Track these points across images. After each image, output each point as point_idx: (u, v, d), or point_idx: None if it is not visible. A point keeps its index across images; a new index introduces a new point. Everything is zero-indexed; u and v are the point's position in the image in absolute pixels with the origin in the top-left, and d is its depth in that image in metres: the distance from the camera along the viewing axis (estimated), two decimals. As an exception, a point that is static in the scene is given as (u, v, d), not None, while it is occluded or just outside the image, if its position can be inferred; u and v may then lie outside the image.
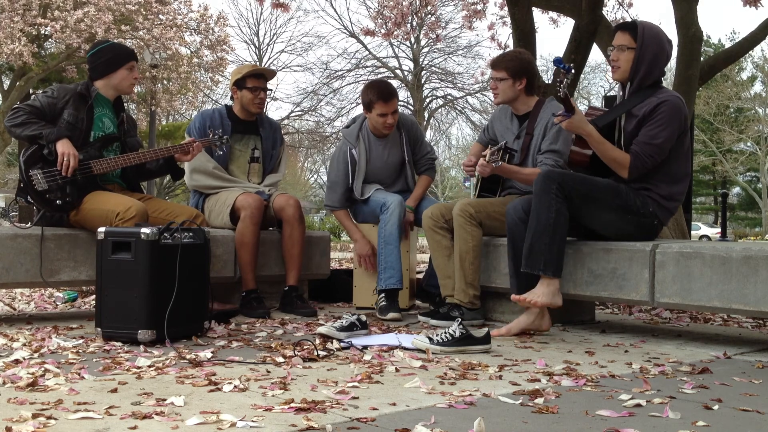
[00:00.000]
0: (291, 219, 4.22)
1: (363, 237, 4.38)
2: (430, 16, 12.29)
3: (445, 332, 2.99)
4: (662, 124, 3.32)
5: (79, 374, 2.42)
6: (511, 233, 3.49)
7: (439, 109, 31.70)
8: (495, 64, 3.93)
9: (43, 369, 2.48)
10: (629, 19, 8.78)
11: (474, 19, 8.87)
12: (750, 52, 8.77)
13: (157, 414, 1.94)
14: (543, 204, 3.28)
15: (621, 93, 3.55)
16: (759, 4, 7.19)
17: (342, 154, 4.42)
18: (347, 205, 4.47)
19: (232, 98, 4.53)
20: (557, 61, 3.24)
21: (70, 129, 3.75)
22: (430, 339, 2.98)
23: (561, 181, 3.29)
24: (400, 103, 4.46)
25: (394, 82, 28.30)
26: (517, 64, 3.89)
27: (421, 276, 4.60)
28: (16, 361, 2.63)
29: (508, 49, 7.68)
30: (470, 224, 3.75)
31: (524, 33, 6.01)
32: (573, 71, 3.27)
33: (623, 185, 3.40)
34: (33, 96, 4.14)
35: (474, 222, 3.76)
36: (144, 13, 16.21)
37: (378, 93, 4.24)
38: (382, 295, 4.08)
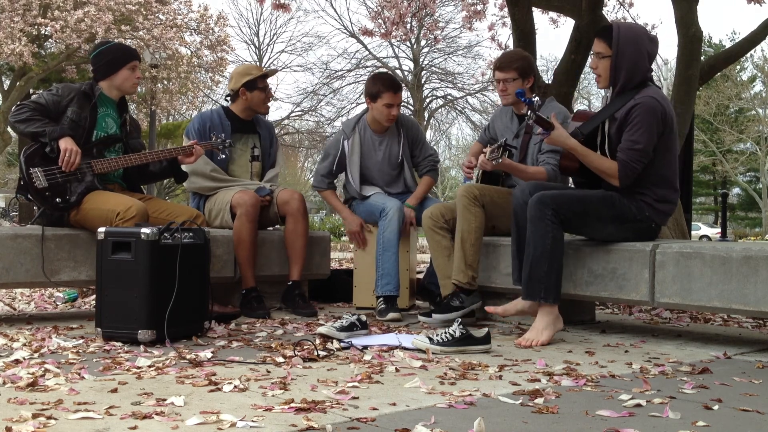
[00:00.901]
0: (295, 212, 4.24)
1: (351, 214, 4.43)
2: (428, 17, 12.28)
3: (445, 332, 2.99)
4: (640, 128, 3.27)
5: (79, 374, 2.42)
6: (516, 216, 3.47)
7: (439, 109, 31.71)
8: (503, 65, 3.92)
9: (43, 369, 2.49)
10: (630, 20, 8.80)
11: (474, 20, 8.87)
12: (750, 52, 8.74)
13: (157, 414, 1.94)
14: (539, 231, 3.27)
15: (607, 95, 3.53)
16: (762, 1, 7.18)
17: (335, 141, 4.51)
18: (334, 186, 4.59)
19: (227, 98, 4.54)
20: (519, 94, 3.28)
21: (72, 127, 3.76)
22: (430, 339, 2.98)
23: (555, 207, 3.28)
24: (400, 103, 4.48)
25: (394, 83, 28.27)
26: (524, 64, 3.92)
27: (421, 276, 4.60)
28: (16, 361, 2.64)
29: (508, 50, 7.68)
30: (474, 205, 3.74)
31: (524, 33, 6.00)
32: (536, 101, 3.35)
33: (616, 194, 3.39)
34: (38, 93, 4.15)
35: (478, 203, 3.74)
36: (144, 13, 16.20)
37: (387, 83, 4.31)
38: (381, 299, 4.09)
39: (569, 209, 3.32)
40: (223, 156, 4.25)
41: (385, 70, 28.83)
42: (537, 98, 3.36)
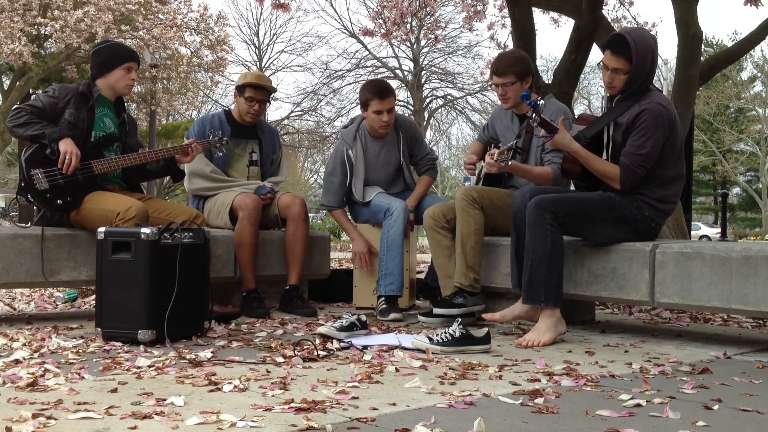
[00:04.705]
0: (296, 217, 4.23)
1: (360, 235, 4.39)
2: (429, 17, 12.28)
3: (445, 332, 2.99)
4: (646, 133, 3.28)
5: (79, 374, 2.42)
6: (516, 220, 3.47)
7: (439, 109, 31.70)
8: (500, 71, 3.89)
9: (43, 369, 2.49)
10: (630, 19, 8.79)
11: (474, 20, 8.87)
12: (750, 52, 8.76)
13: (157, 414, 1.94)
14: (538, 235, 3.27)
15: (608, 100, 3.52)
16: (759, 4, 7.19)
17: (338, 154, 4.42)
18: (344, 204, 4.48)
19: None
20: (525, 97, 3.26)
21: (71, 128, 3.75)
22: (430, 339, 2.98)
23: (554, 209, 3.28)
24: (400, 103, 4.52)
25: (394, 83, 28.28)
26: (522, 66, 3.90)
27: (421, 276, 4.60)
28: (16, 361, 2.64)
29: (503, 51, 7.68)
30: (473, 207, 3.74)
31: (524, 33, 6.01)
32: (541, 104, 3.31)
33: (615, 195, 3.39)
34: (34, 96, 4.14)
35: (476, 206, 3.75)
36: (144, 12, 16.21)
37: (374, 90, 4.26)
38: (382, 299, 4.09)
39: (568, 212, 3.32)
40: (221, 154, 4.25)
41: (384, 71, 28.88)
42: (542, 101, 3.34)
